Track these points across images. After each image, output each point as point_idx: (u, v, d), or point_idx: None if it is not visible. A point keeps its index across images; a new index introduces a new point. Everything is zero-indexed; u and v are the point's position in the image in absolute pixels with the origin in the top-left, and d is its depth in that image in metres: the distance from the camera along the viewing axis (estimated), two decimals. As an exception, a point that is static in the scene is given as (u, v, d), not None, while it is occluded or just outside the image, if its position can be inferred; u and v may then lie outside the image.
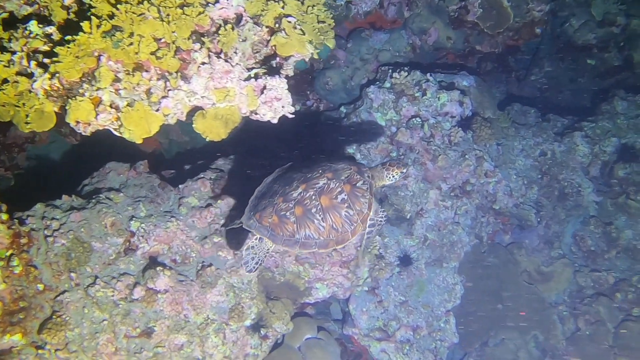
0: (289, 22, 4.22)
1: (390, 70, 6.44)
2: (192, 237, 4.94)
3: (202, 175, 5.41)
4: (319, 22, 4.57)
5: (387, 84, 6.32)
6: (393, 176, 4.19)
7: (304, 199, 3.69)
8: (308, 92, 7.07)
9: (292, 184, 3.82)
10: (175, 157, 6.87)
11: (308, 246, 3.73)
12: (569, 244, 7.13)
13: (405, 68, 6.35)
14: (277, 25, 4.21)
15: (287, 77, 4.30)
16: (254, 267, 3.85)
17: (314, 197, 3.69)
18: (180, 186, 5.33)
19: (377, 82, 6.49)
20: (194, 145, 6.94)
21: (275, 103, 4.07)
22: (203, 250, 4.92)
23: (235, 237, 4.86)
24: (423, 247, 6.19)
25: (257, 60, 4.26)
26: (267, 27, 4.21)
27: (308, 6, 4.53)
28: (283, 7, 4.27)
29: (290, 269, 5.28)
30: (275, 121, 4.07)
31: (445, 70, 7.13)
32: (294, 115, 4.17)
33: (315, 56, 4.45)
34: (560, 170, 7.27)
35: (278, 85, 4.09)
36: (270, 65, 4.23)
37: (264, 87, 4.05)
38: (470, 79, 6.91)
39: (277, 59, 4.27)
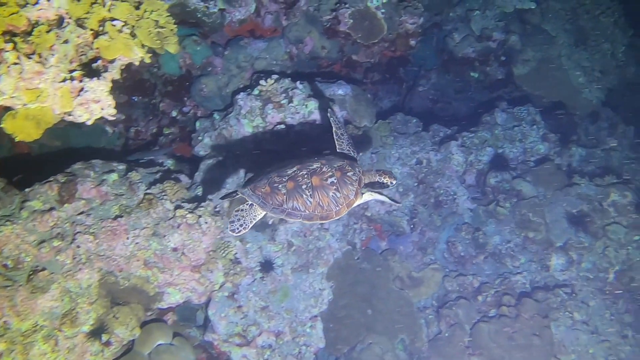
0: (113, 25, 4.22)
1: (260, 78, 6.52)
2: (29, 241, 4.83)
3: (51, 179, 5.31)
4: (158, 27, 4.60)
5: (256, 91, 6.39)
6: (383, 182, 4.43)
7: (296, 176, 4.02)
8: (185, 99, 7.06)
9: (288, 165, 4.17)
10: (44, 161, 6.71)
11: (294, 216, 4.03)
12: (443, 249, 7.35)
13: (274, 76, 6.43)
14: (101, 28, 4.21)
15: (113, 80, 4.30)
16: (236, 229, 4.19)
17: (306, 175, 4.00)
18: (26, 190, 5.21)
19: (248, 89, 6.54)
20: (66, 149, 6.81)
21: (92, 105, 4.05)
22: (40, 254, 4.82)
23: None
24: (288, 253, 6.24)
25: (82, 63, 4.23)
26: (92, 30, 4.19)
27: (145, 11, 4.56)
28: (110, 10, 4.27)
29: (138, 273, 5.22)
30: (90, 122, 4.05)
31: (327, 79, 7.27)
32: (114, 118, 4.17)
33: (147, 60, 4.48)
34: (436, 178, 7.50)
35: (97, 88, 4.08)
36: (94, 68, 4.21)
37: (82, 89, 4.03)
38: (346, 87, 7.05)
39: (102, 61, 4.25)
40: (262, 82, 6.33)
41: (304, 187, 4.00)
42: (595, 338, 6.56)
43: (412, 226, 7.19)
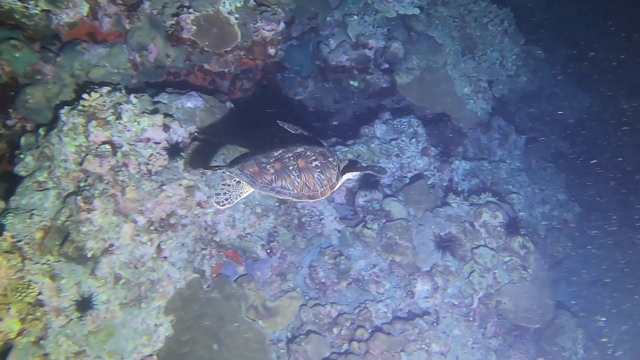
0: None
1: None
2: None
3: None
4: None
5: (80, 106, 5.65)
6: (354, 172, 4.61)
7: (283, 158, 4.16)
8: (10, 110, 6.23)
9: (272, 149, 4.29)
10: None
11: (283, 194, 4.16)
12: (305, 275, 6.85)
13: (104, 88, 5.70)
14: None
15: None
16: (221, 201, 4.28)
17: (292, 158, 4.16)
18: None
19: (76, 103, 5.80)
20: None
21: None
22: None
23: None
24: (116, 287, 5.58)
25: None
26: None
27: None
28: None
29: None
30: None
31: (178, 89, 6.61)
32: None
33: None
34: (299, 198, 6.97)
35: None
36: None
37: None
38: (197, 100, 6.42)
39: None
40: (84, 95, 5.60)
41: (290, 168, 4.14)
42: (451, 371, 6.25)
43: (268, 251, 6.65)
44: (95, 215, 5.44)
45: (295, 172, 4.16)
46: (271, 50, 6.73)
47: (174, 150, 5.95)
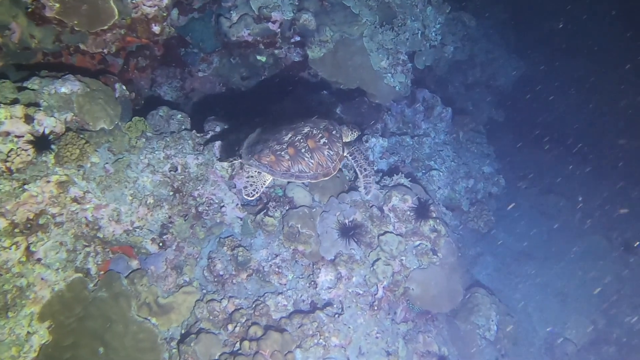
0: None
1: None
2: None
3: None
4: None
5: None
6: (352, 134, 5.33)
7: (294, 142, 4.44)
8: None
9: (281, 132, 4.53)
10: None
11: (302, 178, 4.48)
12: (204, 267, 6.50)
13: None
14: None
15: None
16: (251, 192, 4.70)
17: (302, 140, 4.43)
18: None
19: None
20: None
21: None
22: None
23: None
24: (-23, 297, 5.12)
25: None
26: None
27: None
28: None
29: None
30: None
31: (55, 72, 6.00)
32: None
33: None
34: (196, 186, 6.54)
35: None
36: None
37: None
38: (73, 84, 5.83)
39: None
40: None
41: (303, 150, 4.42)
42: (350, 364, 6.06)
43: (160, 244, 6.24)
44: (-55, 220, 4.92)
45: (308, 154, 4.44)
46: (155, 28, 6.12)
47: (41, 144, 5.41)
